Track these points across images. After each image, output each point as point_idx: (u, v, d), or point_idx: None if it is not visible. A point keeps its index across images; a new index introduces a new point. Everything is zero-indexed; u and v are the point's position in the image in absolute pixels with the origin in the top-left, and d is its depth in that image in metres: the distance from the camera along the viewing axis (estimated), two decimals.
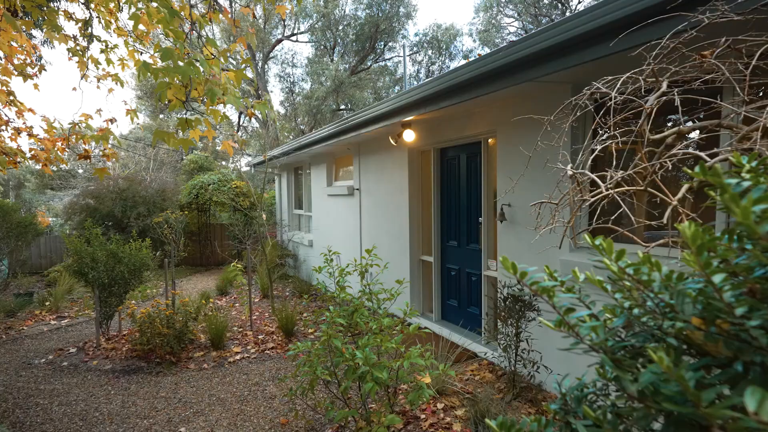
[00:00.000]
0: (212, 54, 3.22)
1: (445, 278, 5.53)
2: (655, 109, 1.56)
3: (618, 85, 1.60)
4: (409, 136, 5.07)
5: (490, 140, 4.68)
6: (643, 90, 1.60)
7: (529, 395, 3.55)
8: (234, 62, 15.72)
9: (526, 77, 2.83)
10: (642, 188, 1.31)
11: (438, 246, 5.56)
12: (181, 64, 2.84)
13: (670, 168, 1.55)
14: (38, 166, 5.01)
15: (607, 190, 1.27)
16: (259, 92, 20.66)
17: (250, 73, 20.93)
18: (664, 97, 1.59)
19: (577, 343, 0.69)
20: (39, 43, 12.32)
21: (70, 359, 4.87)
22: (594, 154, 1.47)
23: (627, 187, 1.31)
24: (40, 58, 13.64)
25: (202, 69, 2.83)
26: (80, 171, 23.29)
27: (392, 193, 6.12)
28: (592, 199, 1.31)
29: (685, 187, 1.42)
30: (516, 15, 21.30)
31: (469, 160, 4.97)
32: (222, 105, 3.26)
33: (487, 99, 4.02)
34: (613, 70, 1.99)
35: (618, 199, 1.29)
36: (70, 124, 4.25)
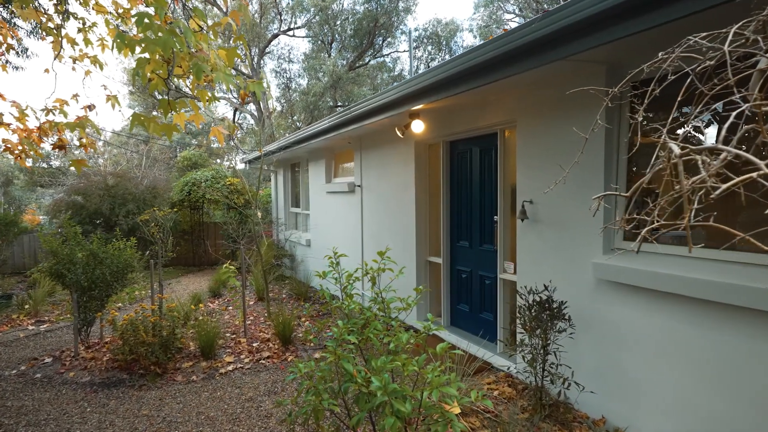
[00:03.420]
0: (200, 26, 2.80)
1: (455, 281, 5.13)
2: None
3: (730, 38, 1.20)
4: (417, 126, 4.67)
5: (507, 131, 4.28)
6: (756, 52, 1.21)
7: (557, 415, 3.17)
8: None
9: (564, 53, 2.44)
10: None
11: (447, 246, 5.16)
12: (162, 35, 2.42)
13: None
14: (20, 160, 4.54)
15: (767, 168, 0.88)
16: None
17: (248, 70, 20.45)
18: None
19: None
20: (25, 34, 11.80)
21: (45, 370, 4.42)
22: (724, 127, 1.08)
23: None
24: (25, 50, 12.95)
25: (186, 40, 2.42)
26: (72, 168, 22.66)
27: (397, 190, 5.72)
28: (725, 186, 0.93)
29: None
30: (517, 10, 20.95)
31: (483, 154, 4.57)
32: (210, 84, 2.85)
33: (507, 85, 3.63)
34: (655, 48, 1.61)
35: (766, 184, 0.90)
36: (42, 110, 3.81)
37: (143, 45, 2.42)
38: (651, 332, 2.84)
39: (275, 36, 21.36)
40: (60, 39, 3.87)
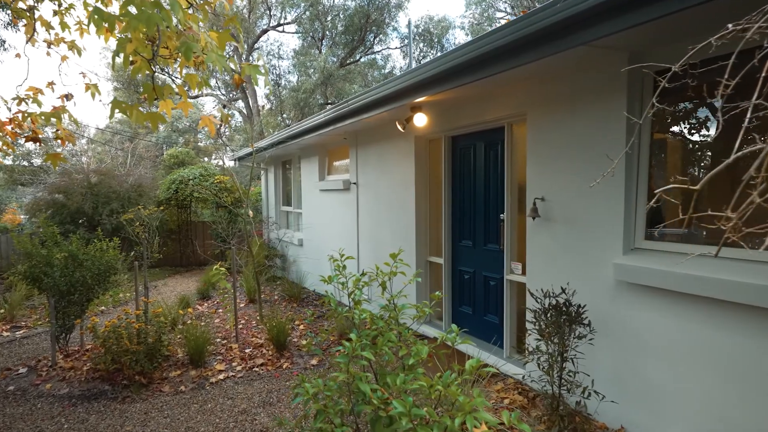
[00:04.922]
0: (189, 3, 2.53)
1: (456, 282, 4.92)
2: None
3: None
4: (420, 120, 4.44)
5: (515, 125, 4.08)
6: None
7: (574, 425, 2.96)
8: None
9: (599, 33, 2.23)
10: None
11: (449, 246, 4.94)
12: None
13: None
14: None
15: None
16: (244, 83, 19.72)
17: (236, 66, 19.99)
18: None
19: None
20: (2, 26, 11.27)
21: (19, 382, 4.09)
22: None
23: None
24: (2, 41, 12.39)
25: (173, 14, 2.15)
26: (53, 165, 21.84)
27: (395, 187, 5.48)
28: None
29: None
30: (508, 9, 20.86)
31: (488, 149, 4.36)
32: (200, 67, 2.58)
33: (517, 75, 3.42)
34: (682, 34, 1.41)
35: None
36: (14, 98, 3.49)
37: (124, 22, 2.15)
38: (675, 337, 2.66)
39: (264, 31, 20.95)
40: (33, 22, 3.54)
